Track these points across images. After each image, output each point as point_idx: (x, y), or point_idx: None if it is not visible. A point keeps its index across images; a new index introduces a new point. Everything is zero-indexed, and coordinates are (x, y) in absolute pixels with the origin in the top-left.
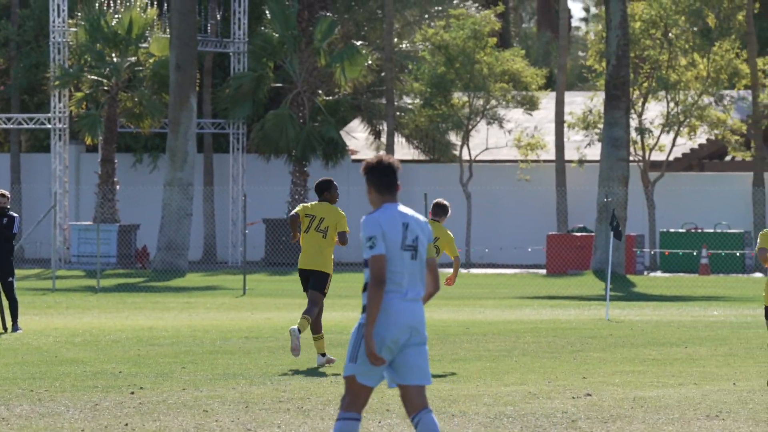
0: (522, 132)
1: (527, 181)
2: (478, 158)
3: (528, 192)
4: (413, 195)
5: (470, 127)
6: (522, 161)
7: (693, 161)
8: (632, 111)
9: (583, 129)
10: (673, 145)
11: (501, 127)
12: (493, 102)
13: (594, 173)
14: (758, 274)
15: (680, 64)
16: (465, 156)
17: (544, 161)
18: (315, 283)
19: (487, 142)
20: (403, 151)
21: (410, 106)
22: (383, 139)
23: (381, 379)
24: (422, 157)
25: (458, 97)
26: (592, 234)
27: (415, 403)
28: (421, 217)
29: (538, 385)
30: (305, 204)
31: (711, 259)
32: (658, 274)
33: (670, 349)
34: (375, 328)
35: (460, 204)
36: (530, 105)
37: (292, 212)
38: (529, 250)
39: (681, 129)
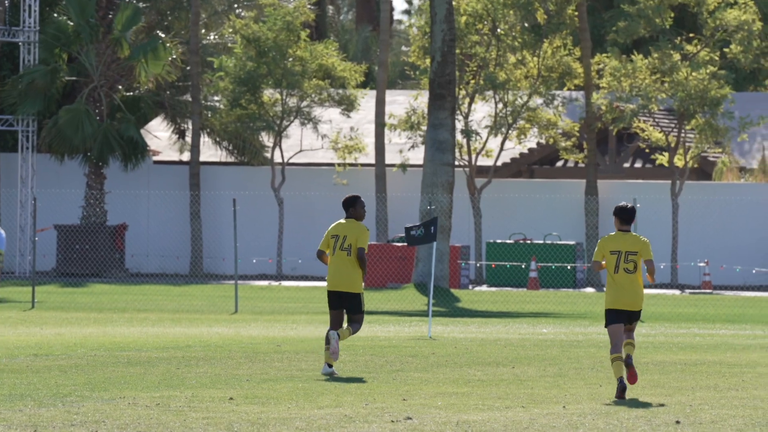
0: (339, 133)
1: (344, 186)
2: (291, 161)
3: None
4: (221, 200)
5: (283, 127)
6: (339, 165)
7: (522, 167)
8: (458, 112)
9: (406, 131)
10: (501, 149)
11: (316, 128)
12: (308, 101)
13: (417, 179)
14: (590, 289)
15: (509, 62)
16: (277, 158)
17: (363, 165)
18: (352, 308)
19: (301, 143)
20: (210, 152)
21: (218, 104)
22: (188, 139)
23: None
24: (231, 159)
25: (270, 94)
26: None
27: None
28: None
29: (355, 408)
30: (332, 225)
31: (540, 272)
32: (484, 288)
33: (497, 369)
34: None
35: (272, 210)
36: (348, 104)
37: (318, 249)
38: None
39: (510, 132)
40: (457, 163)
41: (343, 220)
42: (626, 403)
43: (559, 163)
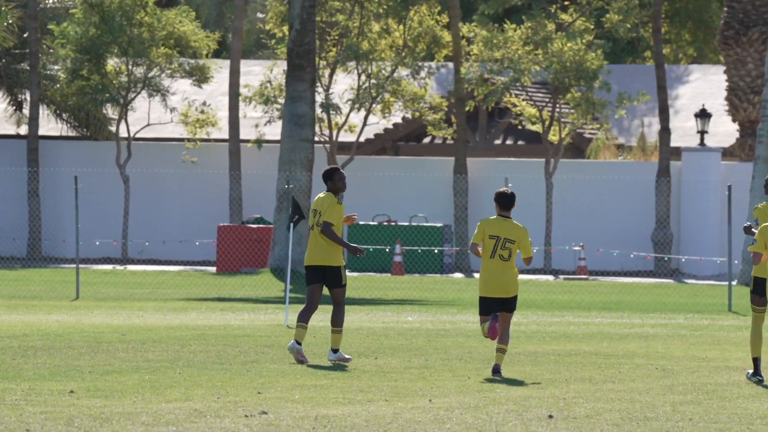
0: (190, 106)
1: (194, 164)
2: (138, 136)
3: (197, 176)
4: (62, 177)
5: (129, 99)
6: (189, 140)
7: (387, 143)
8: (318, 84)
9: (262, 104)
10: (365, 124)
11: (165, 100)
12: (156, 71)
13: (273, 155)
14: (458, 275)
15: (373, 31)
16: (123, 133)
17: (216, 141)
18: (333, 281)
19: (149, 117)
20: (51, 125)
21: (59, 74)
22: (26, 111)
23: None
24: (73, 133)
25: (114, 64)
26: (271, 226)
27: None
28: None
29: (206, 402)
30: (316, 197)
31: (406, 256)
32: (346, 273)
33: (358, 361)
34: None
35: (117, 189)
36: (200, 75)
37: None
38: (197, 243)
39: (374, 106)
40: (317, 138)
41: (322, 194)
42: (496, 396)
43: (427, 140)
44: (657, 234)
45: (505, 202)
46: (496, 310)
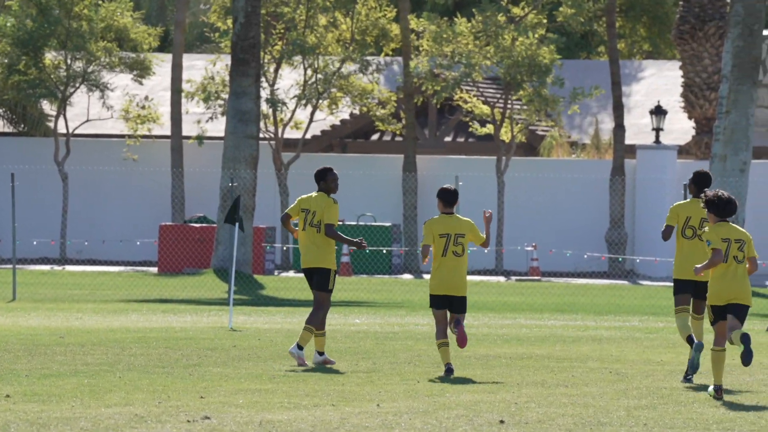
0: (131, 102)
1: (135, 161)
2: (77, 132)
3: (138, 174)
4: None
5: (67, 94)
6: (130, 137)
7: (334, 140)
8: (263, 79)
9: (205, 100)
10: (311, 120)
11: (104, 95)
12: (96, 65)
13: (217, 153)
14: (407, 276)
15: (319, 24)
16: (61, 129)
17: (158, 137)
18: (319, 283)
19: (88, 113)
20: None
21: None
22: None
23: None
24: (9, 129)
25: (52, 57)
26: (214, 225)
27: None
28: None
29: (147, 407)
30: (302, 197)
31: (353, 257)
32: (291, 274)
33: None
34: None
35: (55, 186)
36: (141, 69)
37: (285, 211)
38: (138, 243)
39: (320, 101)
40: (262, 135)
41: (314, 194)
42: (446, 400)
43: (375, 137)
44: (611, 234)
45: (448, 197)
46: (448, 308)
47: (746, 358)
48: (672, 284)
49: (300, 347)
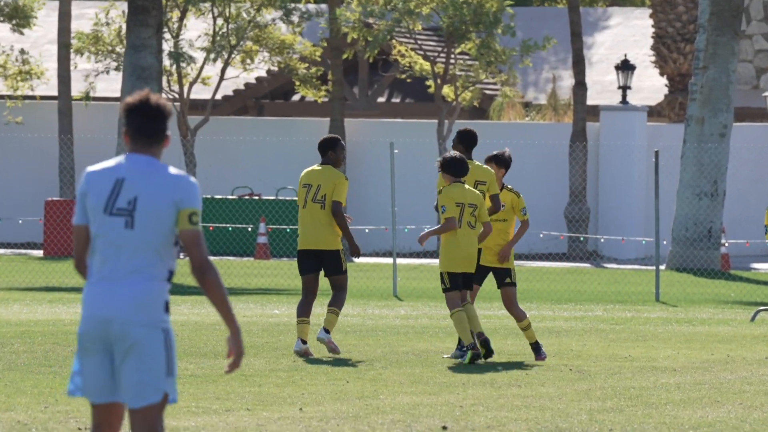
0: (8, 56)
1: (18, 125)
2: None
3: (19, 140)
4: None
5: None
6: (10, 97)
7: (249, 101)
8: (166, 30)
9: (96, 54)
10: (222, 77)
11: None
12: None
13: (112, 116)
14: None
15: None
16: None
17: (42, 98)
18: (332, 268)
19: None
20: None
21: None
22: None
23: (111, 392)
24: None
25: None
26: None
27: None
28: (181, 175)
29: (31, 412)
30: (304, 171)
31: (271, 236)
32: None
33: (215, 362)
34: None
35: None
36: (21, 18)
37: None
38: (20, 222)
39: (233, 56)
40: (164, 96)
41: (317, 166)
42: (380, 403)
43: (296, 97)
44: (571, 209)
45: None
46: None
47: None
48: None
49: (327, 331)
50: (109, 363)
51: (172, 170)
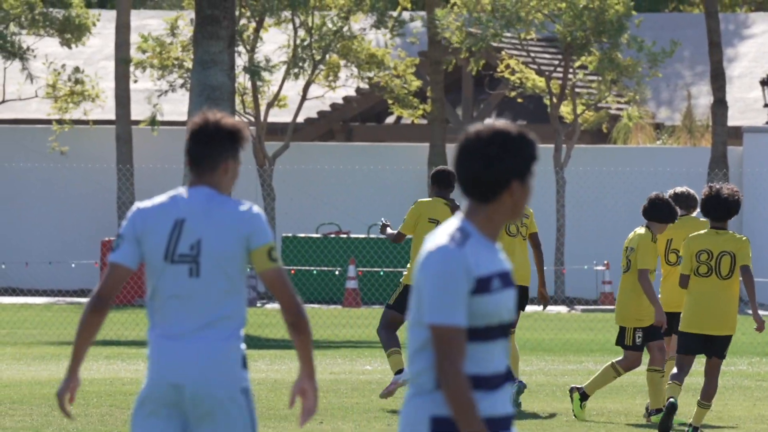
0: (58, 75)
1: (64, 155)
2: None
3: (71, 172)
4: None
5: None
6: (58, 122)
7: (335, 124)
8: (239, 43)
9: (160, 70)
10: (304, 97)
11: (25, 66)
12: (14, 26)
13: (178, 142)
14: None
15: None
16: None
17: (96, 122)
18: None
19: (4, 91)
20: None
21: None
22: None
23: None
24: None
25: None
26: None
27: None
28: (245, 208)
29: None
30: (420, 203)
31: (362, 281)
32: (278, 306)
33: (284, 424)
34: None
35: None
36: (74, 32)
37: (398, 230)
38: (74, 266)
39: (317, 72)
40: (238, 118)
41: (435, 200)
42: None
43: (390, 119)
44: None
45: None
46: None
47: None
48: None
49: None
50: (180, 430)
51: (234, 202)
